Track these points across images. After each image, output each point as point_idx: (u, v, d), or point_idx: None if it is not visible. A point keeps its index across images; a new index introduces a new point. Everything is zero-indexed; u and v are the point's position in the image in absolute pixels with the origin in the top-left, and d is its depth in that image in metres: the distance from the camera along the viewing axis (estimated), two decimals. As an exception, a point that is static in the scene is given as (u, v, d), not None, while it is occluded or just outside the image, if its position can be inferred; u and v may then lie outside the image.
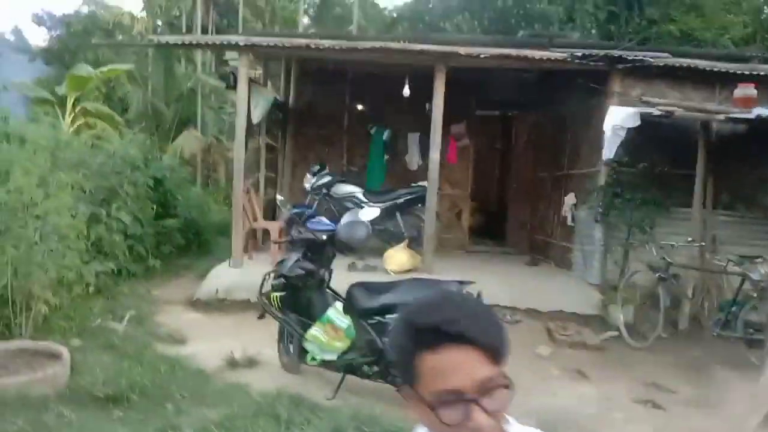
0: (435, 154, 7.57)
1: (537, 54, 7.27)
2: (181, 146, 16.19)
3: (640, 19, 20.33)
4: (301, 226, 5.31)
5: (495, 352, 0.99)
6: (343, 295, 4.94)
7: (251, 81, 8.00)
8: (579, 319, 7.14)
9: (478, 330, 0.99)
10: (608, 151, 7.00)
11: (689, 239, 6.62)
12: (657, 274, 6.38)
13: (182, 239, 9.91)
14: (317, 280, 5.02)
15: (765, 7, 19.93)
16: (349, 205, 8.73)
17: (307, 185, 8.94)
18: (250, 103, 7.94)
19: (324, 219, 4.87)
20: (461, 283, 4.36)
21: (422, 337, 0.99)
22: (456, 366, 0.97)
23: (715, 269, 6.47)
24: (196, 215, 10.93)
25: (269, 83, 10.24)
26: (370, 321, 4.50)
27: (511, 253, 10.45)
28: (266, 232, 9.03)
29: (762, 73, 7.07)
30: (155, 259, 8.51)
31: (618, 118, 6.84)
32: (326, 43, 7.37)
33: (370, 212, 5.18)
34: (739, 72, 7.12)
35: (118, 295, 7.08)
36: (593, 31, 18.52)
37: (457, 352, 0.97)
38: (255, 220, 8.68)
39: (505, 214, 11.77)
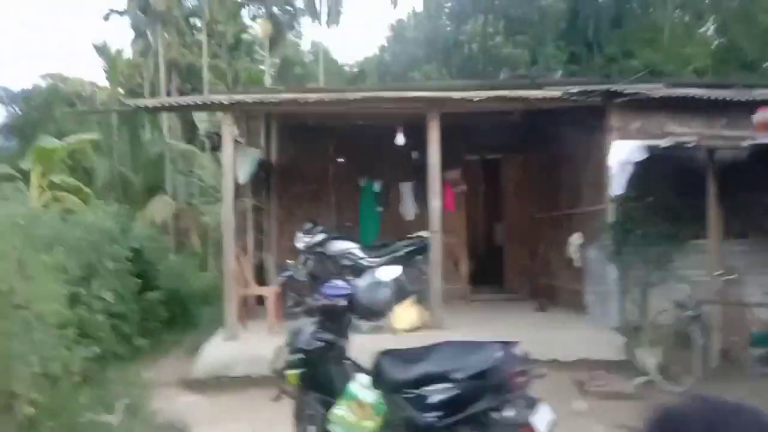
0: (436, 202, 7.23)
1: (532, 94, 7.07)
2: (152, 213, 15.64)
3: (600, 58, 20.87)
4: (316, 291, 4.87)
5: None
6: (366, 364, 4.46)
7: (235, 141, 7.61)
8: (605, 366, 6.73)
9: None
10: (616, 187, 6.76)
11: (718, 272, 6.33)
12: (688, 312, 6.04)
13: (166, 312, 9.28)
14: (337, 351, 4.53)
15: (714, 39, 20.65)
16: (346, 262, 8.29)
17: (300, 244, 8.48)
18: (235, 164, 7.54)
19: (339, 282, 4.44)
20: (506, 343, 3.92)
21: None
22: None
23: (755, 303, 6.17)
24: (177, 285, 10.34)
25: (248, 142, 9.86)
26: (405, 395, 4.00)
27: (514, 299, 10.08)
28: (259, 298, 8.50)
29: (759, 99, 6.96)
30: (141, 337, 7.90)
31: (623, 153, 6.63)
32: (314, 96, 7.06)
33: (391, 271, 4.78)
34: (736, 99, 7.02)
35: (106, 382, 6.43)
36: (559, 72, 18.84)
37: None
38: (247, 285, 8.16)
39: (498, 259, 11.42)
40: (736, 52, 18.22)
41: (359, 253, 8.27)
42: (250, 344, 7.01)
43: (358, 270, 7.87)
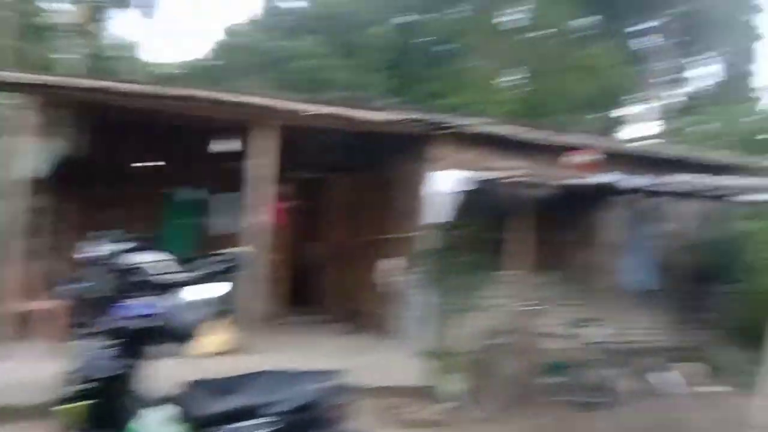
0: (257, 217, 6.81)
1: (362, 114, 7.00)
2: None
3: (419, 93, 21.93)
4: (111, 309, 4.20)
5: None
6: (166, 396, 3.90)
7: (32, 129, 6.53)
8: (410, 393, 6.74)
9: None
10: (431, 215, 6.91)
11: (526, 302, 6.67)
12: (494, 340, 6.27)
13: None
14: (133, 380, 3.91)
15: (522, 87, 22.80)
16: (144, 277, 7.42)
17: (89, 254, 7.45)
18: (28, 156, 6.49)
19: (142, 300, 3.86)
20: (327, 373, 3.64)
21: None
22: None
23: (554, 334, 6.55)
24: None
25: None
26: (216, 431, 3.53)
27: (326, 321, 9.88)
28: (36, 313, 7.32)
29: (569, 143, 7.57)
30: None
31: (442, 182, 6.80)
32: (136, 87, 6.28)
33: (205, 289, 4.25)
34: (548, 141, 7.58)
35: None
36: (387, 101, 19.36)
37: None
38: (22, 297, 6.99)
39: (316, 280, 11.18)
40: (542, 100, 20.25)
41: (161, 267, 7.48)
42: (21, 367, 5.99)
43: (157, 286, 7.11)
